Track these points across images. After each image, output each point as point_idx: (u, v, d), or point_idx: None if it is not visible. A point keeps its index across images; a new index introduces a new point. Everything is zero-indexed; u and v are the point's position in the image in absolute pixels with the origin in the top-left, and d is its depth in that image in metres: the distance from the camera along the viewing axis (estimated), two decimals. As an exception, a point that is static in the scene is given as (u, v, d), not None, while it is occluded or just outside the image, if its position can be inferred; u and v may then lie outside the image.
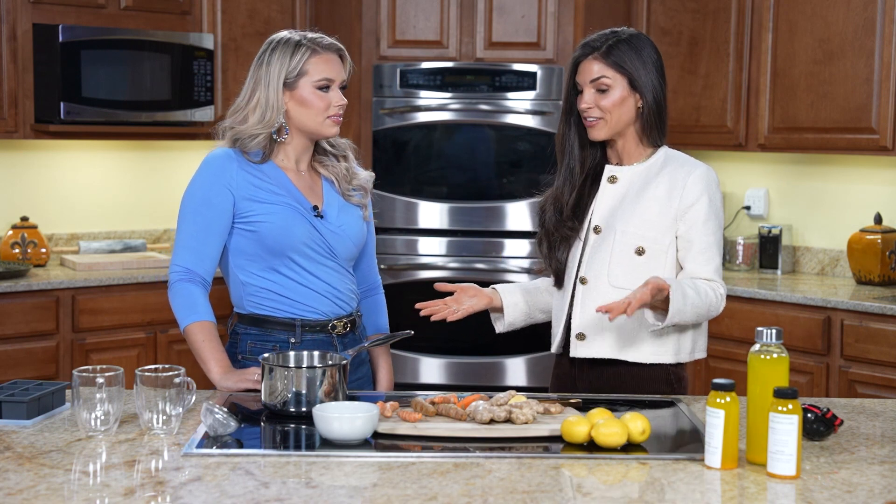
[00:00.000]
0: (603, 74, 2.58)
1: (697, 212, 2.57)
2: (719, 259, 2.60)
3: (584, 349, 2.62)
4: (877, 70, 4.37)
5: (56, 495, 1.82)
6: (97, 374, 2.15)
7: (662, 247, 2.58)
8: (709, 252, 2.57)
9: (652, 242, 2.57)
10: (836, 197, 4.95)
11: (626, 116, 2.60)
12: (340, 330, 2.69)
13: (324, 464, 2.00)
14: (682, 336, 2.62)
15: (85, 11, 4.71)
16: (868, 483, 1.93)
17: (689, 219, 2.57)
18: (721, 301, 2.58)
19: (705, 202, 2.58)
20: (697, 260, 2.57)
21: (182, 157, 5.38)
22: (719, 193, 2.63)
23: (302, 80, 2.61)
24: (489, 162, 5.13)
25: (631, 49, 2.58)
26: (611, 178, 2.65)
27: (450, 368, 5.10)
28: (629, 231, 2.58)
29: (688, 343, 2.64)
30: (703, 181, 2.59)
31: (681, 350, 2.63)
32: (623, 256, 2.58)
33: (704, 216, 2.57)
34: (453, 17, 5.07)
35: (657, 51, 2.64)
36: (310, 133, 2.66)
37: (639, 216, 2.58)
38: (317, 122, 2.63)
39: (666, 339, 2.60)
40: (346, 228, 2.70)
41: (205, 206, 2.61)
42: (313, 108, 2.62)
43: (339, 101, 2.64)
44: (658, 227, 2.58)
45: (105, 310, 4.54)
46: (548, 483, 1.91)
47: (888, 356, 4.09)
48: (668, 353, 2.60)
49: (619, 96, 2.58)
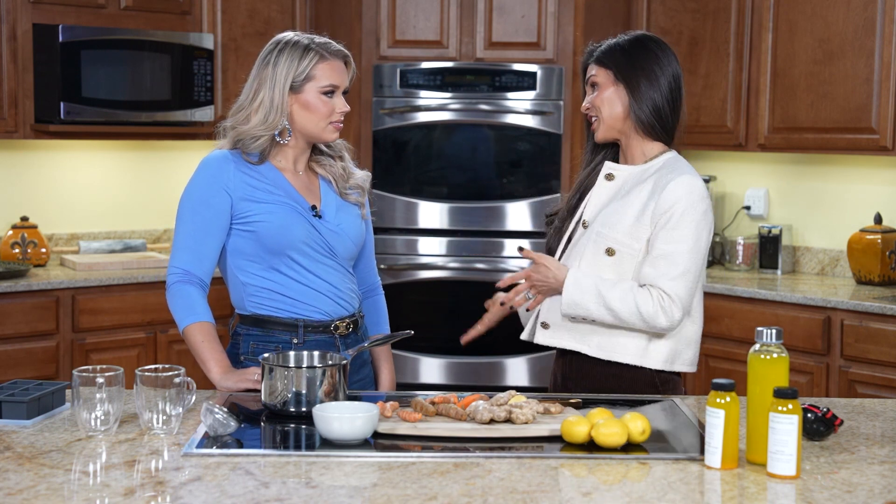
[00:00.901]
0: (592, 74, 2.64)
1: (668, 218, 2.50)
2: (680, 269, 2.48)
3: (547, 337, 2.63)
4: (877, 70, 4.37)
5: (56, 495, 1.82)
6: (97, 374, 2.15)
7: (632, 251, 2.54)
8: (666, 259, 2.48)
9: (622, 245, 2.55)
10: (836, 197, 4.95)
11: (615, 111, 2.60)
12: (343, 330, 2.69)
13: (324, 464, 2.00)
14: (653, 342, 2.56)
15: (85, 11, 4.71)
16: (868, 483, 1.93)
17: (659, 224, 2.51)
18: (661, 314, 2.47)
19: (679, 209, 2.50)
20: (650, 264, 2.50)
21: (182, 157, 5.38)
22: (702, 205, 2.52)
23: (308, 84, 2.61)
24: (489, 162, 5.13)
25: (621, 48, 2.61)
26: (608, 175, 2.65)
27: (450, 368, 5.10)
28: (605, 231, 2.57)
29: (662, 351, 2.56)
30: (682, 188, 2.51)
31: (648, 355, 2.55)
32: (594, 255, 2.57)
33: (674, 223, 2.49)
34: (453, 17, 5.07)
35: (665, 53, 2.62)
36: (311, 137, 2.67)
37: (618, 217, 2.57)
38: (319, 126, 2.64)
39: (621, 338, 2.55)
40: (345, 227, 2.70)
41: (202, 207, 2.61)
42: (317, 113, 2.62)
43: (342, 107, 2.65)
44: (633, 231, 2.54)
45: (105, 310, 4.55)
46: (548, 483, 1.91)
47: (888, 356, 4.09)
48: (628, 353, 2.55)
49: (605, 92, 2.60)
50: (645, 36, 2.65)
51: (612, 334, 2.57)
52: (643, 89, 2.58)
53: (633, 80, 2.58)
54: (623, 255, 2.55)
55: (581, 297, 2.50)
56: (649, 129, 2.60)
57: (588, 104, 2.64)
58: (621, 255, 2.55)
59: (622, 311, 2.49)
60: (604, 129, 2.62)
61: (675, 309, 2.48)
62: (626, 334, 2.56)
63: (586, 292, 2.49)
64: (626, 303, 2.48)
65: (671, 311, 2.48)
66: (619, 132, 2.63)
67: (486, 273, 4.99)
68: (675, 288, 2.48)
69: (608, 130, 2.62)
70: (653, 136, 2.62)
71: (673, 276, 2.49)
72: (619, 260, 2.55)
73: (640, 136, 2.63)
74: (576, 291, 2.50)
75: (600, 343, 2.58)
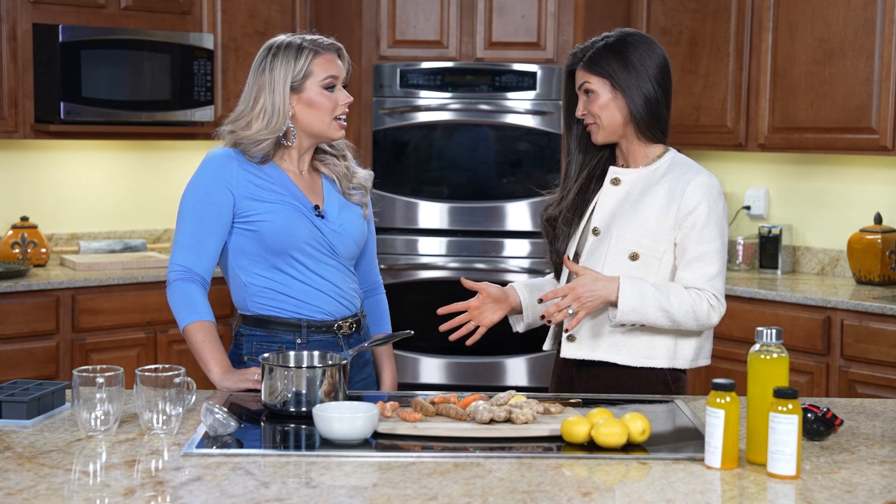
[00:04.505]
0: (586, 80, 2.61)
1: (694, 220, 2.54)
2: (716, 268, 2.54)
3: (574, 350, 2.61)
4: (877, 70, 4.38)
5: (56, 495, 1.82)
6: (97, 374, 2.15)
7: (657, 254, 2.56)
8: (702, 261, 2.54)
9: (646, 249, 2.56)
10: (836, 197, 4.95)
11: (615, 118, 2.60)
12: (346, 330, 2.69)
13: (324, 464, 2.00)
14: (681, 341, 2.59)
15: (85, 11, 4.71)
16: (868, 483, 1.93)
17: (686, 227, 2.55)
18: (713, 312, 2.53)
19: (703, 210, 2.54)
20: (688, 268, 2.54)
21: (182, 157, 5.38)
22: (721, 202, 2.59)
23: (308, 81, 2.61)
24: (489, 162, 5.14)
25: (611, 52, 2.59)
26: (614, 180, 2.65)
27: (450, 368, 5.10)
28: (625, 236, 2.57)
29: (689, 350, 2.60)
30: (702, 189, 2.56)
31: (677, 356, 2.59)
32: (617, 261, 2.57)
33: (701, 224, 2.54)
34: (453, 17, 5.07)
35: (654, 49, 2.61)
36: (316, 136, 2.66)
37: (636, 221, 2.57)
38: (324, 123, 2.63)
39: (658, 342, 2.57)
40: (347, 227, 2.70)
41: (204, 204, 2.61)
42: (321, 108, 2.62)
43: (345, 98, 2.65)
44: (654, 234, 2.56)
45: (105, 310, 4.55)
46: (548, 483, 1.91)
47: (888, 356, 4.09)
48: (660, 356, 2.58)
49: (603, 100, 2.59)
50: (629, 34, 2.63)
51: (641, 340, 2.57)
52: (641, 93, 2.58)
53: (630, 86, 2.57)
54: (647, 258, 2.56)
55: (640, 304, 2.47)
56: (649, 131, 2.61)
57: (584, 111, 2.63)
58: (645, 259, 2.56)
59: (678, 314, 2.50)
60: (604, 135, 2.62)
61: (721, 306, 2.56)
62: (657, 338, 2.57)
63: (647, 298, 2.47)
64: (683, 305, 2.50)
65: (720, 309, 2.55)
66: (619, 136, 2.64)
67: (487, 273, 4.99)
68: (716, 286, 2.55)
69: (609, 136, 2.63)
70: (653, 137, 2.63)
71: (711, 275, 2.54)
72: (643, 264, 2.56)
73: (640, 138, 2.63)
74: (635, 298, 2.46)
75: (632, 351, 2.57)
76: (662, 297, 2.48)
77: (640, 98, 2.58)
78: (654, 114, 2.60)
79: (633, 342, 2.57)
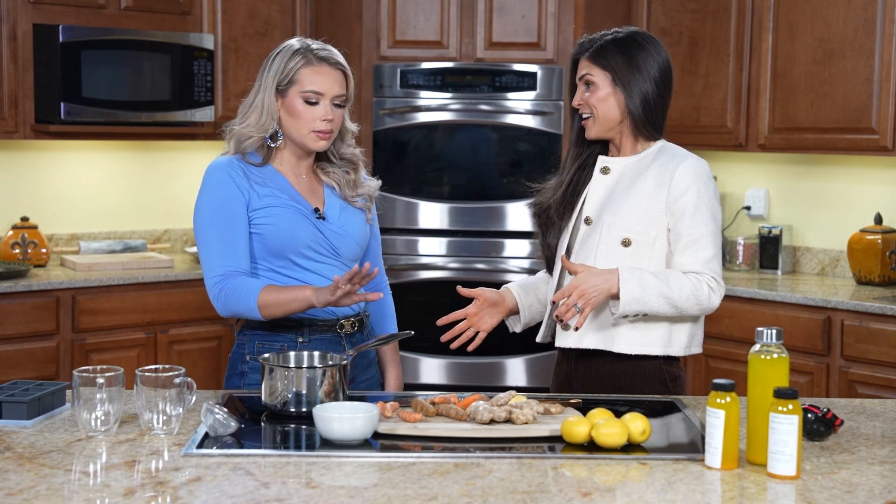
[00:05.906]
0: (588, 71, 2.62)
1: (685, 204, 2.55)
2: (711, 251, 2.56)
3: (568, 339, 2.62)
4: (877, 70, 4.38)
5: (56, 495, 1.82)
6: (97, 375, 2.16)
7: (649, 239, 2.57)
8: (697, 244, 2.55)
9: (638, 234, 2.57)
10: (836, 197, 4.95)
11: (612, 113, 2.61)
12: (348, 329, 2.69)
13: (324, 464, 2.00)
14: (675, 327, 2.59)
15: (85, 11, 4.71)
16: (868, 483, 1.93)
17: (678, 211, 2.56)
18: (713, 294, 2.54)
19: (693, 194, 2.55)
20: (685, 253, 2.56)
21: (182, 158, 5.38)
22: (711, 184, 2.60)
23: (292, 88, 2.61)
24: (489, 162, 5.14)
25: (618, 48, 2.60)
26: (603, 168, 2.66)
27: (450, 368, 5.11)
28: (616, 222, 2.58)
29: (683, 337, 2.61)
30: (691, 173, 2.57)
31: (672, 343, 2.59)
32: (609, 248, 2.58)
33: (692, 209, 2.55)
34: (453, 17, 5.07)
35: (660, 52, 2.62)
36: (296, 144, 2.66)
37: (627, 207, 2.58)
38: (301, 133, 2.63)
39: (653, 329, 2.58)
40: (349, 228, 2.70)
41: (223, 210, 2.60)
42: (299, 119, 2.62)
43: (323, 115, 2.61)
44: (645, 220, 2.57)
45: (105, 310, 4.54)
46: (548, 483, 1.91)
47: (888, 356, 4.09)
48: (655, 343, 2.58)
49: (602, 93, 2.60)
50: (638, 33, 2.65)
51: (636, 328, 2.57)
52: (641, 93, 2.59)
53: (632, 84, 2.58)
54: (639, 244, 2.57)
55: (642, 293, 2.47)
56: (644, 129, 2.62)
57: (582, 101, 2.64)
58: (637, 245, 2.57)
59: (680, 300, 2.51)
60: (598, 129, 2.63)
61: (721, 288, 2.57)
62: (651, 326, 2.57)
63: (647, 287, 2.48)
64: (684, 290, 2.51)
65: (719, 291, 2.57)
66: (614, 132, 2.64)
67: (487, 273, 4.99)
68: (714, 268, 2.56)
69: (603, 130, 2.63)
70: (647, 135, 2.64)
71: (707, 258, 2.55)
72: (635, 250, 2.57)
73: (634, 134, 2.64)
74: (635, 288, 2.47)
75: (628, 339, 2.58)
76: (662, 284, 2.49)
77: (639, 97, 2.59)
78: (650, 115, 2.61)
79: (628, 330, 2.57)
